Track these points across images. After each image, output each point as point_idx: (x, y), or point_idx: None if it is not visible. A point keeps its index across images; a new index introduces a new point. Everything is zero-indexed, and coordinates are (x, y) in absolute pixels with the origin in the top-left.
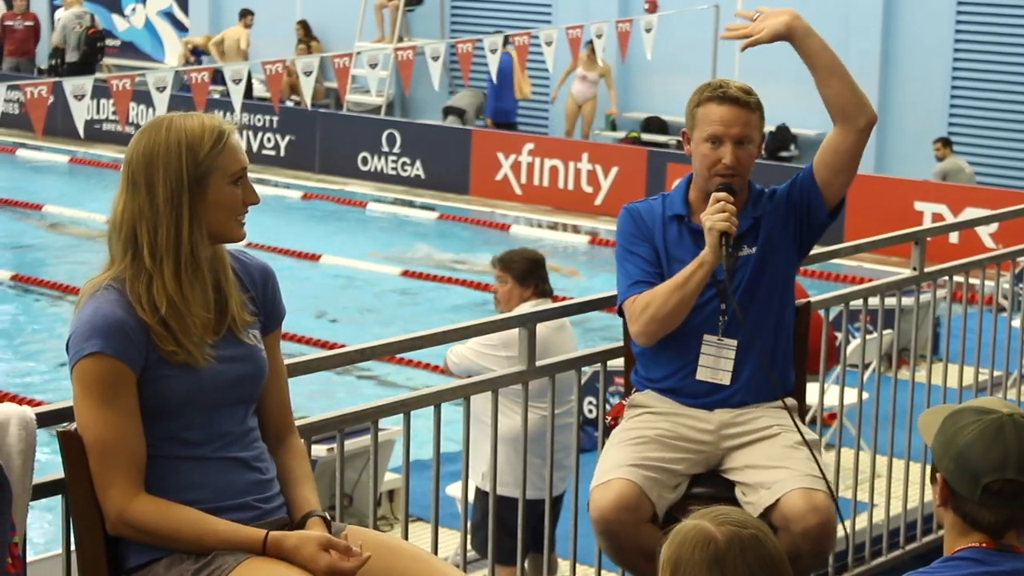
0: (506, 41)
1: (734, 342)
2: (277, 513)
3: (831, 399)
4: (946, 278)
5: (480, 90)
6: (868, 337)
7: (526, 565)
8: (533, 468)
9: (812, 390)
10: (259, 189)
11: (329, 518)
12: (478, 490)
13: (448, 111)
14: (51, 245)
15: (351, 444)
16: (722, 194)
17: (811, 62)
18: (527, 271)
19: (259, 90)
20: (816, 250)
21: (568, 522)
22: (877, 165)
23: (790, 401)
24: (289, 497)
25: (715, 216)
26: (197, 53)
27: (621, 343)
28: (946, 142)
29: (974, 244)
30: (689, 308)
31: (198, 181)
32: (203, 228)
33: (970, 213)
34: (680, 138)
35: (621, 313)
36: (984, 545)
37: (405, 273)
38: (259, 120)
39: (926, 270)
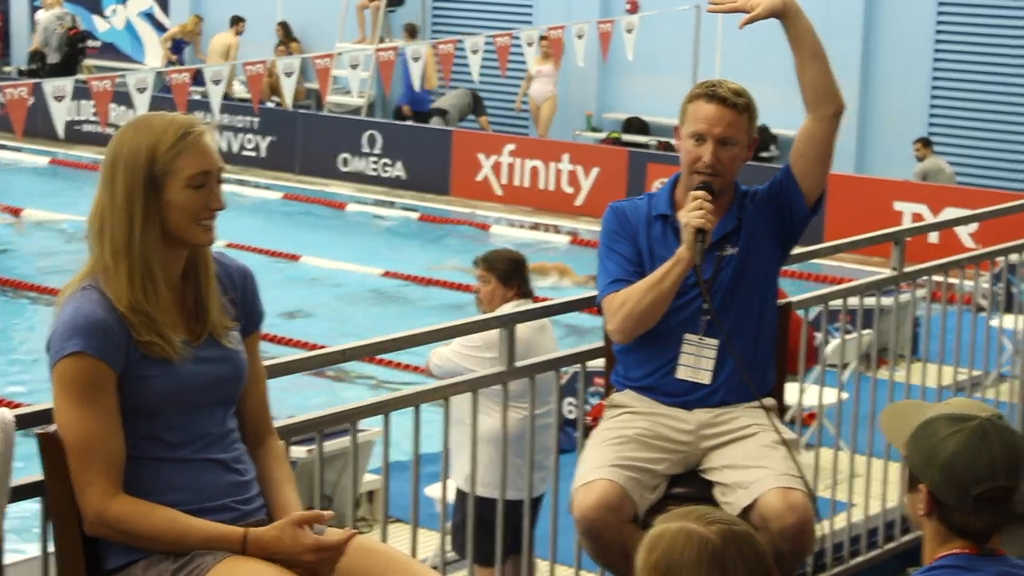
0: (412, 34)
1: (715, 341)
2: (256, 515)
3: (811, 399)
4: (926, 278)
5: (467, 90)
6: (847, 337)
7: (506, 566)
8: (514, 469)
9: (792, 390)
10: (239, 190)
11: None
12: (458, 491)
13: (433, 112)
14: (31, 247)
15: (330, 445)
16: (699, 192)
17: (797, 43)
18: (511, 271)
19: (240, 91)
20: (796, 250)
21: (546, 523)
22: (858, 165)
23: (769, 401)
24: (270, 499)
25: (691, 213)
26: (178, 48)
27: (602, 344)
28: (926, 142)
29: (954, 244)
30: (665, 306)
31: (154, 181)
32: (158, 229)
33: (950, 213)
34: (662, 138)
35: (602, 311)
36: (968, 551)
37: (386, 274)
38: (240, 121)
39: (905, 270)
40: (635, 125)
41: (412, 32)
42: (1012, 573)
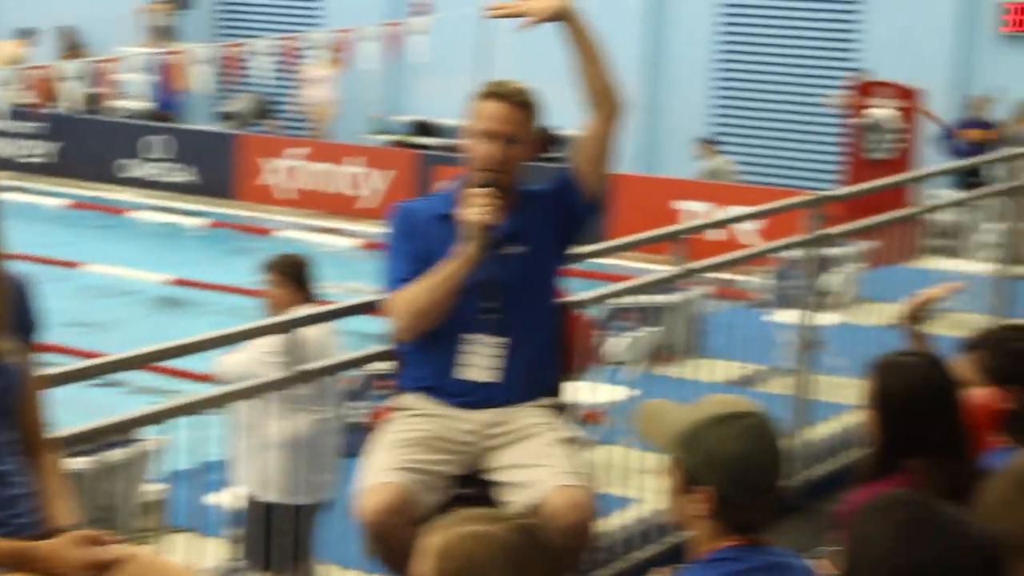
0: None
1: (499, 340)
2: (31, 529)
3: (597, 397)
4: (707, 275)
5: (254, 94)
6: (632, 335)
7: (293, 572)
8: (301, 473)
9: (578, 389)
10: (24, 198)
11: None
12: (247, 497)
13: (224, 116)
14: None
15: (111, 456)
16: (484, 188)
17: (576, 45)
18: (300, 275)
19: (24, 97)
20: (579, 249)
21: (331, 527)
22: (644, 166)
23: (555, 399)
24: (46, 513)
25: (475, 210)
26: None
27: (387, 347)
28: (709, 142)
29: (741, 244)
30: (449, 303)
31: None
32: None
33: (734, 212)
34: (449, 140)
35: (387, 311)
36: (740, 543)
37: (174, 280)
38: (25, 128)
39: (688, 267)
40: (422, 127)
41: (165, 34)
42: (775, 561)
